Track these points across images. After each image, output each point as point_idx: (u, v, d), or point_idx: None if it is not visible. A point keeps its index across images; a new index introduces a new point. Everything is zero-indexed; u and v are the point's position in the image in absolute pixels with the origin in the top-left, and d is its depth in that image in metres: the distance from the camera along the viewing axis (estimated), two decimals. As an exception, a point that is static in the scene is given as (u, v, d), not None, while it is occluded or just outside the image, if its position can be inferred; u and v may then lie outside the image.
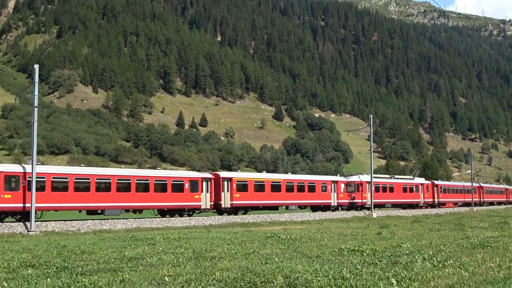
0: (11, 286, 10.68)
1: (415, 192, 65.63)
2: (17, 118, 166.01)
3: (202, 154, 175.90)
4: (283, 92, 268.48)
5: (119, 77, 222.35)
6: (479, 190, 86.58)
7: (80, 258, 15.56)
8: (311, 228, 30.39)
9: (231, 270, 12.15)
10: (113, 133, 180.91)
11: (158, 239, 22.03)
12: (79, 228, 31.49)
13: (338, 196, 53.38)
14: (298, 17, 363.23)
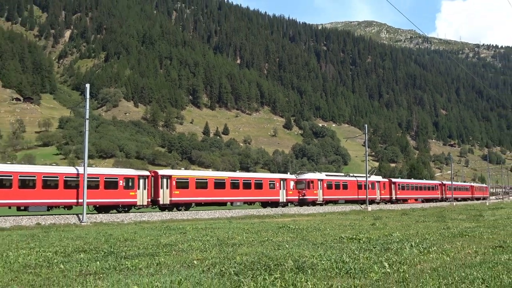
0: (66, 268, 10.73)
1: (371, 189, 58.27)
2: (72, 128, 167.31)
3: (225, 158, 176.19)
4: (291, 105, 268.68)
5: (156, 94, 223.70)
6: (441, 187, 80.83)
7: (123, 244, 15.62)
8: (315, 219, 30.27)
9: (249, 255, 12.13)
10: (150, 140, 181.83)
11: (188, 229, 22.06)
12: (123, 219, 31.62)
13: (287, 193, 47.74)
14: (304, 43, 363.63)
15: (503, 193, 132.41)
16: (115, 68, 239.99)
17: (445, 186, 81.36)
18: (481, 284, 8.33)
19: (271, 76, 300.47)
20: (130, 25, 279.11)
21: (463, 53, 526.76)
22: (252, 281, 8.64)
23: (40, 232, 21.55)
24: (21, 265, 11.29)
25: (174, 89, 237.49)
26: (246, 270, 9.70)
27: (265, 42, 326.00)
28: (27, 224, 27.29)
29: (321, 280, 8.79)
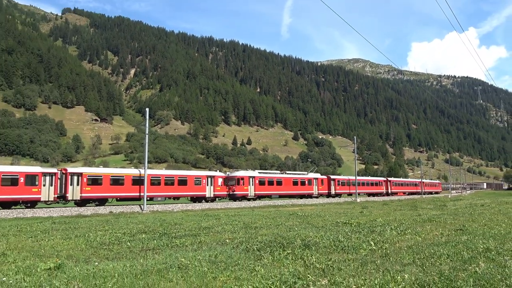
0: (132, 245, 10.81)
1: (308, 185, 50.47)
2: (135, 141, 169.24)
3: (248, 162, 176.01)
4: (298, 122, 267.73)
5: (197, 115, 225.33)
6: (386, 183, 69.00)
7: (173, 227, 15.69)
8: (317, 208, 30.02)
9: (268, 235, 12.07)
10: (193, 149, 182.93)
11: (221, 215, 22.06)
12: (173, 209, 31.75)
13: (214, 189, 40.06)
14: (308, 76, 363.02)
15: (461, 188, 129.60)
16: (167, 96, 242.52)
17: (390, 182, 70.29)
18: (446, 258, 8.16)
19: (283, 101, 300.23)
20: (178, 64, 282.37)
21: (428, 82, 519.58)
22: (270, 255, 8.59)
23: (112, 218, 21.77)
24: (98, 243, 11.41)
25: (211, 111, 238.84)
26: (265, 247, 9.66)
27: (278, 75, 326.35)
28: (103, 212, 27.61)
29: (322, 254, 8.71)
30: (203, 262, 7.98)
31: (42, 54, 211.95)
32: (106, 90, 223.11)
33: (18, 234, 13.79)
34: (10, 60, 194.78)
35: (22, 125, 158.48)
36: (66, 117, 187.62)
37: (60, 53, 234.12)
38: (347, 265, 7.59)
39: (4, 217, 23.57)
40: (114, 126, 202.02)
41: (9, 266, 8.04)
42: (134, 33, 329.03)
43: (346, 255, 8.72)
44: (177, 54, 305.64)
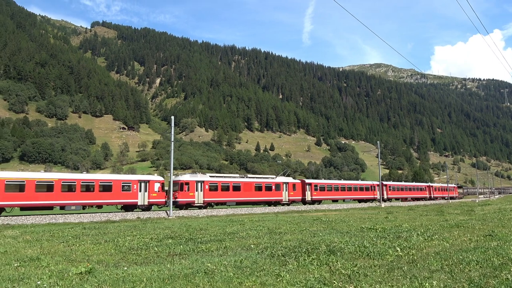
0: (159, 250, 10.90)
1: (275, 191, 42.76)
2: (161, 148, 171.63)
3: (271, 168, 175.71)
4: (321, 128, 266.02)
5: (220, 122, 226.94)
6: (382, 188, 58.59)
7: (199, 233, 15.75)
8: (341, 214, 29.60)
9: (292, 241, 11.97)
10: (217, 156, 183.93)
11: (246, 221, 22.03)
12: (198, 214, 31.92)
13: (149, 196, 33.58)
14: (329, 81, 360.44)
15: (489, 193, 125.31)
16: (192, 104, 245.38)
17: (386, 187, 60.56)
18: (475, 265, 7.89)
19: (305, 107, 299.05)
20: (201, 73, 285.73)
21: (453, 85, 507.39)
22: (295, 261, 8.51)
23: (140, 223, 22.06)
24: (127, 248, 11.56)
25: (234, 118, 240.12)
26: (290, 252, 9.58)
27: (300, 82, 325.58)
28: (131, 218, 28.03)
29: (348, 260, 8.57)
30: (229, 267, 7.98)
31: (72, 66, 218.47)
32: (133, 99, 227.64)
33: (51, 239, 14.14)
34: (43, 73, 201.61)
35: (54, 134, 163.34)
36: (95, 126, 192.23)
37: (90, 64, 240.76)
38: (373, 272, 7.43)
39: (38, 222, 24.25)
40: (140, 134, 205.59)
41: (43, 270, 8.25)
42: (159, 43, 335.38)
43: (372, 261, 8.54)
44: (201, 63, 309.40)
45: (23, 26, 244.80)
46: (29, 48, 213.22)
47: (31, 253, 10.60)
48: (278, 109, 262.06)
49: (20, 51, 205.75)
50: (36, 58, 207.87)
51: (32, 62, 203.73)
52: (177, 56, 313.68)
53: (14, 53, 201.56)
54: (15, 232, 17.18)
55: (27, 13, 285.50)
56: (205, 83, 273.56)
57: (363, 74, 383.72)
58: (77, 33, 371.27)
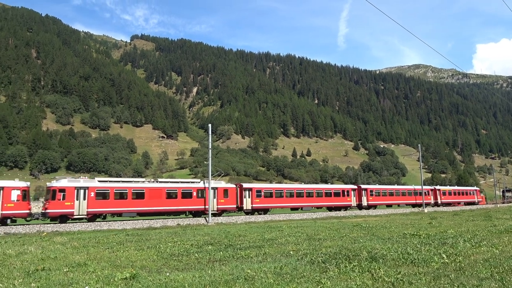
0: (200, 256, 11.03)
1: (196, 198, 34.63)
2: (199, 156, 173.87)
3: (309, 173, 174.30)
4: (358, 132, 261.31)
5: (256, 128, 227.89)
6: (359, 193, 48.78)
7: (238, 239, 15.83)
8: (382, 219, 28.83)
9: (332, 247, 11.78)
10: (254, 162, 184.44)
11: (284, 227, 21.93)
12: (236, 220, 32.10)
13: (2, 207, 26.69)
14: (366, 85, 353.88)
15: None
16: (228, 111, 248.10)
17: (365, 191, 50.18)
18: (529, 273, 7.44)
19: (341, 111, 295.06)
20: (237, 80, 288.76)
21: (497, 84, 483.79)
22: (336, 268, 8.37)
23: (180, 230, 22.45)
24: (168, 254, 11.79)
25: (270, 124, 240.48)
26: (330, 259, 9.43)
27: (335, 86, 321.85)
28: (171, 224, 28.58)
29: (391, 268, 8.33)
30: (269, 273, 7.95)
31: (114, 79, 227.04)
32: (171, 109, 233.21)
33: (97, 246, 14.66)
34: (86, 86, 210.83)
35: (98, 144, 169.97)
36: (136, 135, 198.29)
37: (130, 76, 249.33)
38: (418, 279, 7.17)
39: (84, 229, 25.22)
40: (179, 142, 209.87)
41: (90, 276, 8.55)
42: (195, 53, 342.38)
43: (416, 268, 8.25)
44: (236, 71, 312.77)
45: (68, 42, 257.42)
46: (74, 63, 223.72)
47: (79, 259, 11.03)
48: (314, 114, 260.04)
49: (66, 66, 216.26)
50: (80, 72, 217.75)
51: (77, 76, 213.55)
52: (213, 65, 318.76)
53: (60, 69, 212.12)
54: (64, 238, 17.95)
55: (71, 30, 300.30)
56: (241, 90, 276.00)
57: (401, 76, 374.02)
58: (118, 46, 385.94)
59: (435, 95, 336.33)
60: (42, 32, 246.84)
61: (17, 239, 18.56)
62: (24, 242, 16.81)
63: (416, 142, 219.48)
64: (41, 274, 8.87)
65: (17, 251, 13.29)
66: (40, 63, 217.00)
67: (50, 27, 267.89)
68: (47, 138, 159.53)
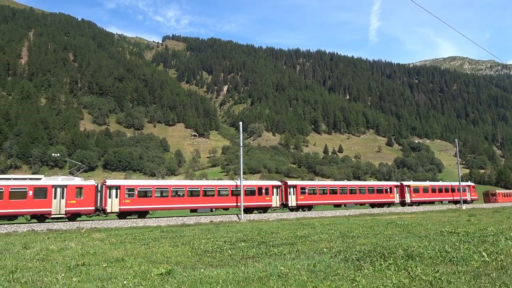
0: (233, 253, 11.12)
1: (37, 199, 27.27)
2: (231, 153, 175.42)
3: (341, 170, 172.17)
4: (391, 127, 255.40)
5: (287, 125, 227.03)
6: (284, 190, 39.18)
7: (270, 236, 15.84)
8: (418, 217, 28.07)
9: (366, 245, 11.59)
10: (285, 159, 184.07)
11: (316, 224, 21.77)
12: (268, 218, 32.15)
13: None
14: (399, 79, 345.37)
15: None
16: (258, 109, 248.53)
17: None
18: None
19: (373, 106, 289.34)
20: (267, 78, 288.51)
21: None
22: (371, 266, 8.23)
23: (213, 227, 22.71)
24: (202, 250, 11.95)
25: (300, 121, 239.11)
26: (365, 257, 9.28)
27: (367, 81, 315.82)
28: (204, 221, 28.97)
29: (428, 266, 8.11)
30: (302, 271, 7.91)
31: (147, 79, 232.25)
32: (202, 107, 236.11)
33: (133, 242, 15.06)
34: (121, 87, 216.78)
35: (132, 143, 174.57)
36: (168, 134, 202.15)
37: (162, 76, 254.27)
38: (457, 278, 6.94)
39: (121, 226, 25.98)
40: (210, 140, 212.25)
41: (128, 271, 8.80)
42: (225, 52, 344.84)
43: (455, 267, 7.99)
44: (266, 68, 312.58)
45: (103, 45, 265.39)
46: (109, 65, 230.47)
47: (117, 255, 11.37)
48: (345, 110, 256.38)
49: (101, 68, 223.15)
50: (115, 73, 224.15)
51: (111, 78, 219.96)
52: (243, 63, 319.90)
53: (96, 71, 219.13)
54: (102, 235, 18.56)
55: (106, 33, 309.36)
56: (271, 87, 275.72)
57: (436, 69, 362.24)
58: (150, 47, 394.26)
59: (473, 88, 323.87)
60: (79, 36, 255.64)
61: (59, 235, 19.35)
62: (65, 238, 17.51)
63: (453, 137, 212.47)
64: (81, 269, 9.22)
65: (59, 246, 13.86)
66: (77, 66, 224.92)
67: (86, 31, 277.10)
68: (84, 138, 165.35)
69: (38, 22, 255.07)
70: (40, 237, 18.23)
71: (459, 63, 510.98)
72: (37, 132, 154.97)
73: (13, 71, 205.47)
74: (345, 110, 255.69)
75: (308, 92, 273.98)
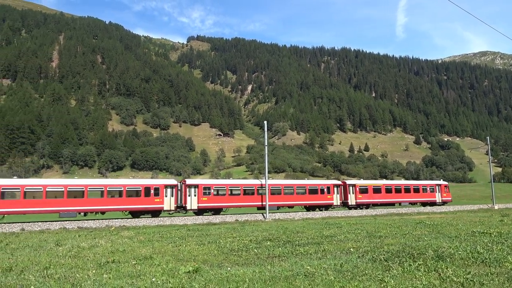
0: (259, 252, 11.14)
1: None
2: (255, 153, 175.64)
3: (367, 169, 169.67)
4: (419, 125, 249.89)
5: (312, 124, 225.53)
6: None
7: (296, 235, 15.78)
8: (447, 216, 27.34)
9: (394, 245, 11.39)
10: (310, 158, 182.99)
11: (343, 224, 21.54)
12: (294, 217, 32.05)
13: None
14: (427, 75, 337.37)
15: None
16: (283, 108, 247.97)
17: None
18: None
19: (400, 104, 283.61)
20: (291, 77, 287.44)
21: None
22: (399, 266, 8.09)
23: (238, 226, 22.82)
24: (228, 249, 12.03)
25: (325, 120, 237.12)
26: (393, 257, 9.12)
27: (394, 78, 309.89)
28: (230, 220, 29.14)
29: (459, 267, 7.89)
30: (329, 270, 7.85)
31: (172, 80, 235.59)
32: (227, 107, 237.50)
33: (161, 240, 15.32)
34: (147, 88, 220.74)
35: (159, 143, 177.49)
36: (194, 134, 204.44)
37: (187, 77, 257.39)
38: (490, 280, 6.73)
39: (148, 224, 26.47)
40: (235, 139, 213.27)
41: (156, 268, 8.96)
42: (249, 51, 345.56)
43: (488, 268, 7.75)
44: (290, 67, 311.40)
45: (130, 47, 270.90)
46: (135, 67, 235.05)
47: (145, 252, 11.60)
48: (371, 108, 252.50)
49: (128, 70, 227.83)
50: (141, 75, 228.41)
51: (138, 79, 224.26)
52: (267, 62, 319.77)
53: (123, 72, 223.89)
54: (130, 233, 18.96)
55: (132, 35, 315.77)
56: (295, 86, 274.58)
57: (466, 65, 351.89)
58: (175, 48, 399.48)
59: (505, 84, 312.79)
60: (106, 38, 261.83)
61: (89, 233, 19.90)
62: (95, 235, 17.99)
63: (484, 134, 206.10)
64: (111, 266, 9.45)
65: (89, 244, 14.25)
66: (105, 68, 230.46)
67: (113, 33, 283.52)
68: (113, 138, 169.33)
69: (68, 26, 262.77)
70: (71, 235, 18.79)
71: (491, 58, 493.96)
72: (67, 132, 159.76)
73: (45, 74, 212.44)
74: (371, 108, 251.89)
75: (333, 90, 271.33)
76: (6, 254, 12.05)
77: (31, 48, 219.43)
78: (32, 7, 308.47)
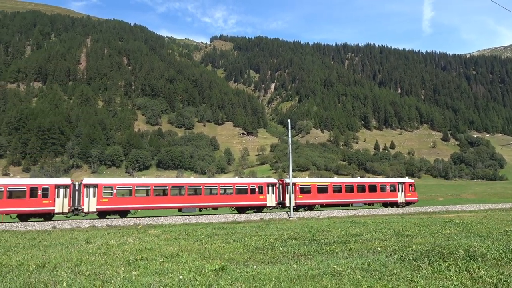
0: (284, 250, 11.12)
1: None
2: (279, 151, 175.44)
3: (393, 167, 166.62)
4: (447, 122, 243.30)
5: (336, 122, 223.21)
6: None
7: (321, 234, 15.67)
8: (478, 215, 26.52)
9: (423, 244, 11.14)
10: (334, 156, 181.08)
11: (369, 222, 21.23)
12: (319, 215, 31.81)
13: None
14: (455, 70, 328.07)
15: None
16: (306, 106, 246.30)
17: None
18: None
19: (427, 100, 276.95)
20: (314, 74, 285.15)
21: None
22: (429, 266, 7.91)
23: (263, 224, 22.83)
24: (254, 247, 12.05)
25: (350, 117, 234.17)
26: (422, 256, 8.93)
27: (420, 74, 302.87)
28: (254, 219, 29.19)
29: (492, 267, 7.65)
30: (356, 270, 7.75)
31: (196, 80, 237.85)
32: (250, 106, 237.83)
33: (187, 238, 15.50)
34: (172, 88, 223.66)
35: (184, 142, 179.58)
36: (218, 133, 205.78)
37: (210, 76, 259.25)
38: (526, 281, 6.47)
39: (174, 222, 26.83)
40: (259, 138, 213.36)
41: (183, 266, 9.07)
42: (272, 50, 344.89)
43: (523, 269, 7.47)
44: (313, 64, 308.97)
45: (154, 48, 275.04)
46: (160, 67, 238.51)
47: (172, 250, 11.76)
48: (397, 104, 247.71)
49: (153, 70, 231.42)
50: (166, 75, 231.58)
51: (163, 79, 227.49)
52: (290, 60, 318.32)
53: (148, 73, 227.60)
54: (157, 231, 19.27)
55: (157, 37, 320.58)
56: (319, 84, 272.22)
57: (496, 59, 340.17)
58: (199, 48, 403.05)
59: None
60: (131, 40, 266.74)
61: (117, 231, 20.34)
62: (123, 233, 18.37)
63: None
64: (140, 263, 9.62)
65: (118, 241, 14.56)
66: (130, 69, 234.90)
67: (138, 35, 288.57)
68: (139, 138, 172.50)
69: (94, 29, 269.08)
70: (100, 233, 19.25)
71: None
72: (95, 133, 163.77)
73: (73, 76, 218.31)
74: (397, 105, 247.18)
75: (357, 87, 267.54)
76: (40, 251, 12.46)
77: (60, 51, 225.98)
78: (61, 11, 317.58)
